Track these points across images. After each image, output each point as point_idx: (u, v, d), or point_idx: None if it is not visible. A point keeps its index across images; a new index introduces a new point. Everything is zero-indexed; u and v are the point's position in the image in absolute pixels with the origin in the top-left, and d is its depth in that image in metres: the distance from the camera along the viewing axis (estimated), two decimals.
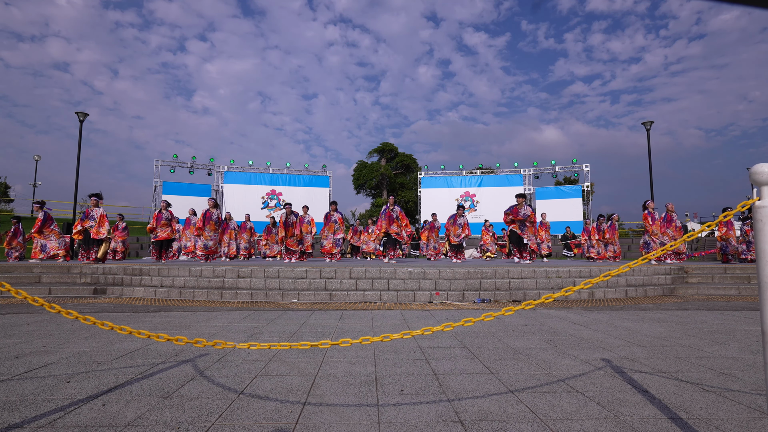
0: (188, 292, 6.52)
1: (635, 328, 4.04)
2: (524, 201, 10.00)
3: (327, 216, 11.42)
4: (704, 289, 7.52)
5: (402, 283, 6.66)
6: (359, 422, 1.76)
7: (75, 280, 8.23)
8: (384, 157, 34.92)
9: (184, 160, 20.05)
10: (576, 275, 7.05)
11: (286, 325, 4.21)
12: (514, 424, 1.74)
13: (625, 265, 1.80)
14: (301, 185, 21.42)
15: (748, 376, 2.42)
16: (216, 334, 3.69)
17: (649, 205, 10.43)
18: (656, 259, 9.85)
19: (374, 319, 4.61)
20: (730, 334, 3.72)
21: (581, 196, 20.48)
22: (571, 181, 26.93)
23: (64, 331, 3.77)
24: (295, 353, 2.96)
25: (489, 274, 6.81)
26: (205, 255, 10.49)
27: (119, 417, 1.80)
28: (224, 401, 2.00)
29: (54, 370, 2.55)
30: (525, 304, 1.84)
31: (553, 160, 21.30)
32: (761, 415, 1.83)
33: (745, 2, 0.78)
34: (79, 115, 15.36)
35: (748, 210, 1.55)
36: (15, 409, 1.90)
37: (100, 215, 9.36)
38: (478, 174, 22.26)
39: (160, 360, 2.78)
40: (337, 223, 11.25)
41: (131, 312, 5.13)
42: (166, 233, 10.30)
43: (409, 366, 2.65)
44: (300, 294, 6.36)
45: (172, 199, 18.23)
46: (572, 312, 5.15)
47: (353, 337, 3.48)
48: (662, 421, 1.77)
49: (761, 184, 1.34)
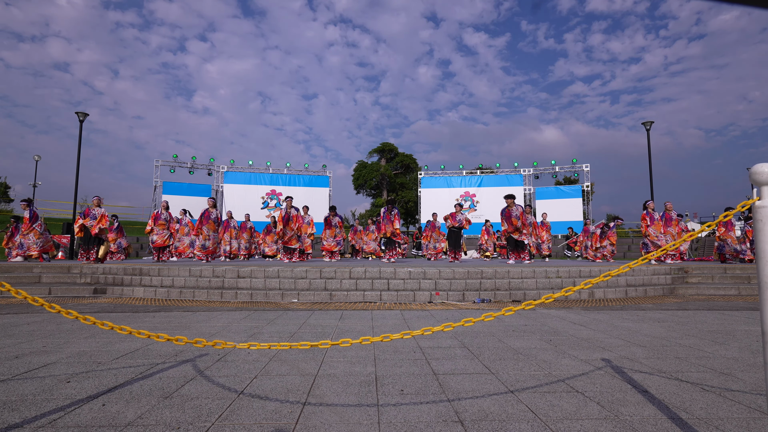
0: (188, 292, 6.52)
1: (635, 328, 4.04)
2: (513, 201, 10.02)
3: (327, 220, 11.67)
4: (704, 289, 7.52)
5: (402, 283, 6.66)
6: (359, 422, 1.76)
7: (75, 280, 8.23)
8: (384, 157, 34.92)
9: (184, 160, 20.05)
10: (576, 275, 7.05)
11: (286, 325, 4.21)
12: (514, 424, 1.74)
13: (625, 265, 1.80)
14: (301, 185, 21.42)
15: (748, 376, 2.42)
16: (216, 334, 3.69)
17: (649, 205, 10.41)
18: (656, 259, 9.85)
19: (374, 319, 4.61)
20: (730, 334, 3.71)
21: (581, 196, 20.48)
22: (571, 181, 26.94)
23: (64, 331, 3.77)
24: (295, 353, 2.96)
25: (489, 274, 6.81)
26: (205, 255, 10.49)
27: (119, 417, 1.80)
28: (224, 401, 2.00)
29: (54, 370, 2.55)
30: (525, 304, 1.83)
31: (553, 160, 21.31)
32: (761, 415, 1.83)
33: (745, 2, 0.78)
34: (79, 115, 15.36)
35: (748, 210, 1.55)
36: (15, 409, 1.90)
37: (100, 215, 9.42)
38: (478, 174, 22.26)
39: (160, 360, 2.78)
40: (337, 227, 11.75)
41: (131, 312, 5.13)
42: (163, 239, 10.32)
43: (409, 366, 2.65)
44: (300, 294, 6.35)
45: (173, 199, 18.21)
46: (572, 312, 5.15)
47: (353, 337, 3.48)
48: (662, 421, 1.77)
49: (761, 184, 1.34)
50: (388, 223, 10.75)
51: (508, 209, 10.03)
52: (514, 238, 10.04)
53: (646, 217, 10.30)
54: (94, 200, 9.59)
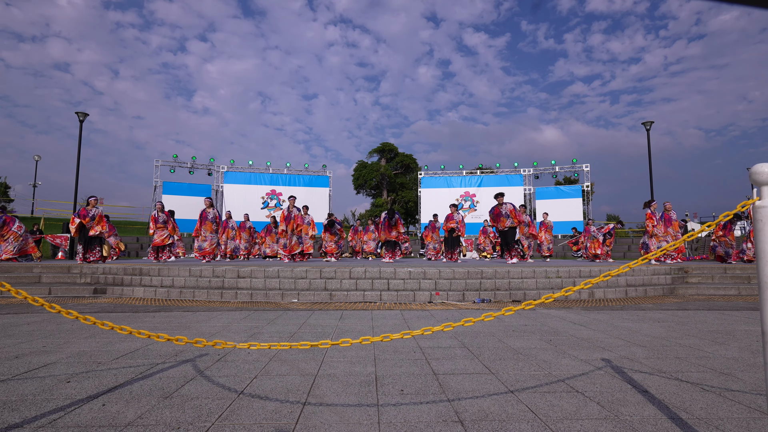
0: (188, 292, 6.52)
1: (635, 328, 4.04)
2: (503, 199, 10.03)
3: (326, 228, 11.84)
4: (704, 289, 7.51)
5: (402, 283, 6.66)
6: (359, 422, 1.76)
7: (75, 280, 8.23)
8: (384, 157, 34.92)
9: (184, 160, 20.03)
10: (576, 275, 7.05)
11: (286, 325, 4.21)
12: (514, 424, 1.74)
13: (625, 265, 1.80)
14: (301, 185, 21.41)
15: (748, 376, 2.42)
16: (216, 334, 3.69)
17: (652, 205, 10.39)
18: (656, 259, 9.84)
19: (374, 319, 4.61)
20: (730, 334, 3.71)
21: (581, 196, 20.47)
22: (571, 181, 26.93)
23: (64, 331, 3.77)
24: (295, 353, 2.96)
25: (489, 274, 6.81)
26: (201, 256, 10.47)
27: (119, 417, 1.80)
28: (224, 401, 2.00)
29: (54, 370, 2.55)
30: (525, 304, 1.83)
31: (553, 160, 21.29)
32: (761, 415, 1.83)
33: (745, 2, 0.78)
34: (79, 115, 15.36)
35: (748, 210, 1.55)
36: (15, 409, 1.90)
37: (98, 215, 9.45)
38: (478, 174, 22.25)
39: (160, 360, 2.78)
40: (337, 234, 12.01)
41: (131, 312, 5.13)
42: (162, 238, 10.29)
43: (409, 366, 2.65)
44: (300, 294, 6.35)
45: (173, 199, 18.27)
46: (572, 312, 5.15)
47: (353, 337, 3.48)
48: (662, 421, 1.77)
49: (761, 184, 1.34)
50: (386, 230, 10.87)
51: (497, 207, 10.11)
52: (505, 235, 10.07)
53: (652, 216, 10.25)
54: (92, 201, 9.59)
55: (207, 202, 10.77)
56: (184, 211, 18.24)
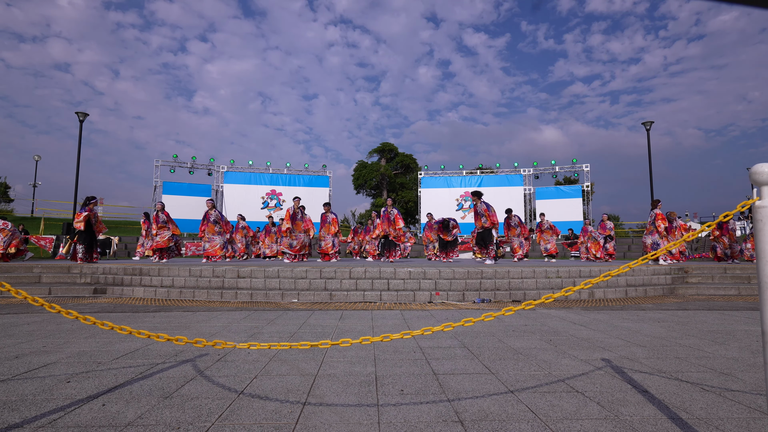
0: (188, 292, 6.52)
1: (635, 328, 4.04)
2: (479, 198, 10.04)
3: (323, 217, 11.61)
4: (704, 289, 7.51)
5: (402, 283, 6.66)
6: (359, 422, 1.76)
7: (75, 280, 8.23)
8: (384, 157, 34.93)
9: (184, 160, 20.05)
10: (576, 275, 7.05)
11: (286, 325, 4.21)
12: (514, 424, 1.74)
13: (625, 265, 1.80)
14: (301, 185, 21.42)
15: (748, 376, 2.42)
16: (216, 334, 3.69)
17: (659, 205, 10.36)
18: (654, 259, 9.84)
19: (374, 319, 4.61)
20: (730, 334, 3.71)
21: (581, 196, 20.48)
22: (571, 181, 26.93)
23: (64, 331, 3.77)
24: (295, 353, 2.96)
25: (489, 274, 6.81)
26: (206, 257, 10.46)
27: (119, 417, 1.80)
28: (224, 401, 2.00)
29: (54, 370, 2.55)
30: (525, 304, 1.83)
31: (553, 160, 21.33)
32: (761, 415, 1.83)
33: (745, 2, 0.78)
34: (79, 115, 15.36)
35: (748, 210, 1.55)
36: (15, 409, 1.90)
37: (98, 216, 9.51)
38: (478, 174, 22.26)
39: (160, 360, 2.77)
40: (332, 224, 11.54)
41: (131, 312, 5.13)
42: (164, 239, 10.21)
43: (409, 366, 2.65)
44: (300, 294, 6.35)
45: (173, 199, 18.26)
46: (572, 312, 5.15)
47: (353, 337, 3.48)
48: (662, 421, 1.77)
49: (761, 184, 1.34)
50: (386, 221, 10.79)
51: (474, 207, 10.15)
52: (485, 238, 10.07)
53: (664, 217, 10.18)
54: (92, 202, 9.60)
55: (209, 204, 10.74)
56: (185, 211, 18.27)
